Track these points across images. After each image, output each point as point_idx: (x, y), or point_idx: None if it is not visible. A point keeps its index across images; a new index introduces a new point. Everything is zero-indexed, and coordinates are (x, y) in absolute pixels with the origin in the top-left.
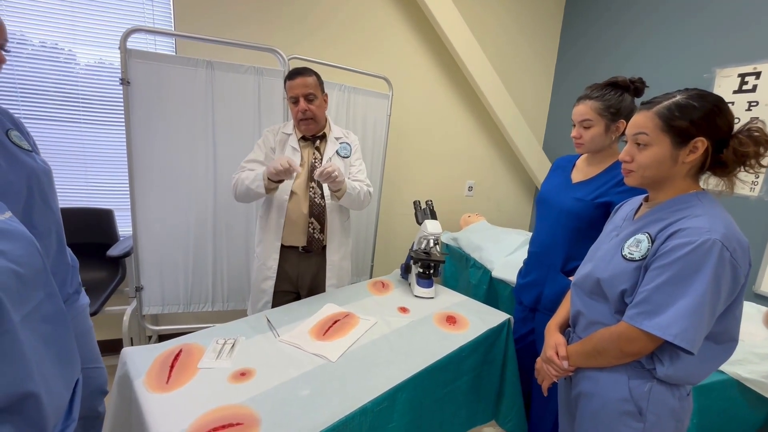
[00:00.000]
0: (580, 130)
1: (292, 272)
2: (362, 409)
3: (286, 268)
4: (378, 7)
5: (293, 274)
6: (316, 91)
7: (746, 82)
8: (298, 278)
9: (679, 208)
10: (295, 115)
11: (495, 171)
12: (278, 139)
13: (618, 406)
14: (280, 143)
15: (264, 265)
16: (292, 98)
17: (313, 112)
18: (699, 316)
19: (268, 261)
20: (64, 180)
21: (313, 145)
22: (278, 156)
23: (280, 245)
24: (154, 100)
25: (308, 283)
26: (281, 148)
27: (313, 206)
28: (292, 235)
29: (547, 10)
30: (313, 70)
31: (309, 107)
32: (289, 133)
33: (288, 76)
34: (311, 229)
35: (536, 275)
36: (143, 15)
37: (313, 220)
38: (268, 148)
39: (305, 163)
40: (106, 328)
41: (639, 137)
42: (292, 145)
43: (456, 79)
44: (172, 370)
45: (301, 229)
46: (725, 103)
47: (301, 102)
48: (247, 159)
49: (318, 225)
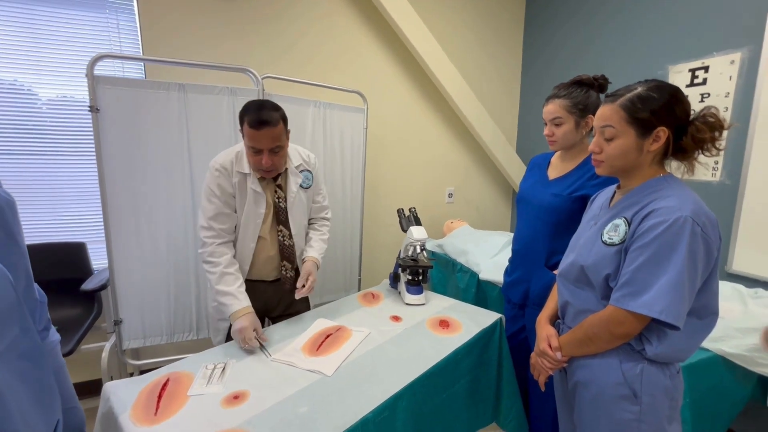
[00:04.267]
0: (552, 128)
1: (259, 303)
2: (363, 420)
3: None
4: (348, 25)
5: (260, 304)
6: (282, 140)
7: (697, 77)
8: (266, 306)
9: (650, 191)
10: (254, 164)
11: (472, 176)
12: (236, 182)
13: (614, 391)
14: (239, 186)
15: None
16: (254, 149)
17: (277, 164)
18: (680, 291)
19: None
20: (32, 215)
21: (274, 182)
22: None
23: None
24: (126, 126)
25: (279, 306)
26: (240, 192)
27: (283, 248)
28: (260, 273)
29: (508, 22)
30: (279, 113)
31: (274, 159)
32: (247, 173)
33: (249, 122)
34: (283, 270)
35: (522, 272)
36: (110, 42)
37: (284, 262)
38: (227, 195)
39: (270, 204)
40: (83, 367)
41: (606, 130)
42: (254, 188)
43: (428, 90)
44: (160, 401)
45: (270, 269)
46: (682, 93)
47: (265, 156)
48: (211, 216)
49: (289, 264)
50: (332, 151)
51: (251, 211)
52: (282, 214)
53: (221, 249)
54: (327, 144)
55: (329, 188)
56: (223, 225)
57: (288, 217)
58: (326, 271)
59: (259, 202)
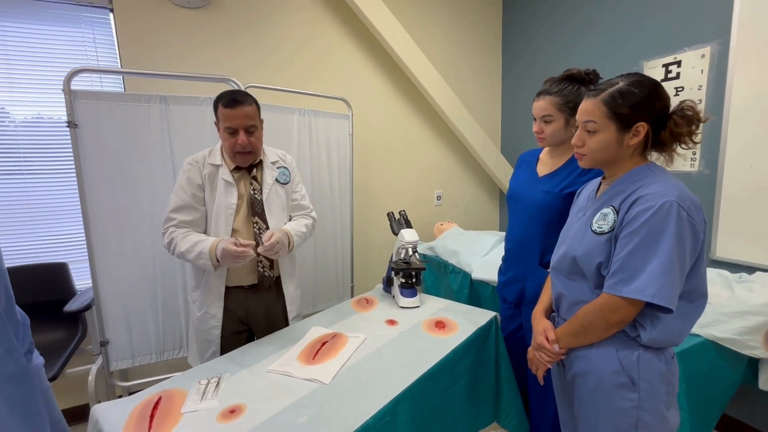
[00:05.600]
0: (541, 125)
1: (240, 311)
2: (364, 426)
3: (233, 309)
4: (328, 31)
5: (241, 313)
6: (257, 120)
7: (670, 71)
8: (248, 316)
9: (636, 179)
10: (230, 147)
11: (459, 178)
12: (206, 173)
13: (612, 380)
14: (209, 178)
15: (207, 314)
16: (229, 129)
17: (253, 145)
18: (671, 274)
19: (211, 308)
20: (9, 238)
21: (249, 174)
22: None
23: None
24: (105, 140)
25: (261, 319)
26: (210, 184)
27: (259, 243)
28: (237, 276)
29: (486, 27)
30: (251, 96)
31: (250, 140)
32: (219, 164)
33: (224, 103)
34: (261, 267)
35: (516, 271)
36: (86, 57)
37: (261, 258)
38: (195, 187)
39: (243, 195)
40: (69, 392)
41: (588, 125)
42: (224, 179)
43: (412, 95)
44: (153, 420)
45: (248, 269)
46: (662, 87)
47: (241, 135)
48: (174, 207)
49: (267, 262)
50: (319, 158)
51: (222, 202)
52: (258, 205)
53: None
54: (313, 151)
55: (318, 195)
56: (187, 217)
57: (264, 209)
58: (318, 279)
59: (230, 192)
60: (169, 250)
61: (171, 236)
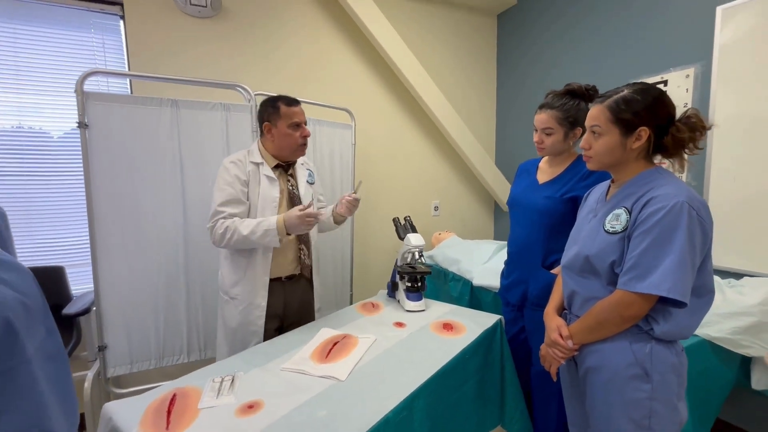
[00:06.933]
0: (541, 136)
1: (278, 305)
2: (385, 419)
3: (272, 303)
4: (334, 46)
5: (279, 307)
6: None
7: None
8: (284, 308)
9: (646, 182)
10: (295, 140)
11: (456, 189)
12: (249, 170)
13: (626, 372)
14: (252, 175)
15: (252, 305)
16: (295, 124)
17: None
18: (684, 270)
19: (256, 299)
20: None
21: (286, 172)
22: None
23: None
24: (115, 142)
25: (295, 311)
26: (255, 180)
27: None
28: (280, 267)
29: (482, 42)
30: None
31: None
32: (260, 162)
33: (286, 102)
34: (302, 255)
35: (519, 274)
36: (94, 61)
37: (302, 245)
38: (241, 182)
39: (283, 190)
40: None
41: (594, 128)
42: (266, 175)
43: (412, 108)
44: (170, 416)
45: (291, 258)
46: (666, 96)
47: (304, 127)
48: (223, 201)
49: (306, 249)
50: (322, 166)
51: (266, 195)
52: (296, 199)
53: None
54: (317, 159)
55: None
56: (235, 210)
57: (302, 202)
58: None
59: (273, 186)
60: (223, 239)
61: (225, 225)
